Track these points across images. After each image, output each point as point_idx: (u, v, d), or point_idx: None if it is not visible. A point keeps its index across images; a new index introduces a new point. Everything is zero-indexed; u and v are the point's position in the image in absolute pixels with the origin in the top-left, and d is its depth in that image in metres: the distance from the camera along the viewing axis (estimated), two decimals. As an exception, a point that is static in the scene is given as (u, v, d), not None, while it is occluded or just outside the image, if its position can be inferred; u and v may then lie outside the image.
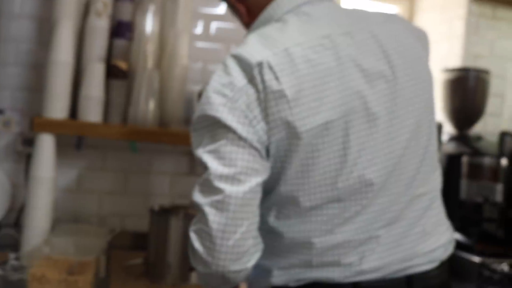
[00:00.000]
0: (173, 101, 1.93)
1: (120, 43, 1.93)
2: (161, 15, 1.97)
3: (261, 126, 1.04)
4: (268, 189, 1.09)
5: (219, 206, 1.02)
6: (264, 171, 1.06)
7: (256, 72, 1.03)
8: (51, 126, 1.75)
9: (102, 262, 1.67)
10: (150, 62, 1.90)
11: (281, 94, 1.03)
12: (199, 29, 2.19)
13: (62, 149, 1.91)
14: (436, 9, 2.59)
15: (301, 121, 1.03)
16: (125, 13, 1.96)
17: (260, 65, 1.03)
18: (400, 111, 1.11)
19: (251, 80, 1.03)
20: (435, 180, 1.20)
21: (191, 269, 1.72)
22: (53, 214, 1.82)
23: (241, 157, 1.03)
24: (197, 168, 2.17)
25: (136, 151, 2.07)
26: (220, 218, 1.02)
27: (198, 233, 1.05)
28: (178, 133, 1.87)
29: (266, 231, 1.12)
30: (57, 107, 1.76)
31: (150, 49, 1.90)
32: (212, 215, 1.02)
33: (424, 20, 2.65)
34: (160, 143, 2.03)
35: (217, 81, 1.06)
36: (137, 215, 2.11)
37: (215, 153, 1.04)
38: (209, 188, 1.04)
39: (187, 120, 1.94)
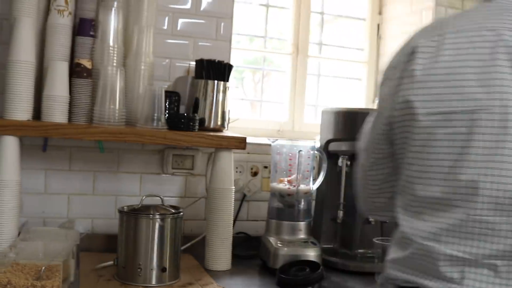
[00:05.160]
0: (139, 99, 1.90)
1: (83, 41, 1.89)
2: (125, 12, 1.94)
3: (389, 102, 1.12)
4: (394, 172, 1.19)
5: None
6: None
7: (406, 57, 1.10)
8: (14, 128, 1.71)
9: (72, 266, 1.63)
10: (114, 60, 1.87)
11: (411, 74, 1.07)
12: (165, 25, 2.16)
13: (27, 151, 1.87)
14: (405, 0, 2.59)
15: (422, 103, 1.04)
16: (88, 10, 1.92)
17: (414, 48, 1.09)
18: None
19: (399, 63, 1.11)
20: None
21: (164, 269, 1.70)
22: (20, 218, 1.78)
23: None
24: (167, 167, 2.15)
25: (103, 151, 2.02)
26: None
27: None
28: (145, 132, 1.83)
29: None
30: (20, 108, 1.72)
31: (115, 46, 1.87)
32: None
33: (393, 12, 2.64)
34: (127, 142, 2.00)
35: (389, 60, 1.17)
36: (107, 216, 2.08)
37: None
38: None
39: (154, 119, 1.90)
